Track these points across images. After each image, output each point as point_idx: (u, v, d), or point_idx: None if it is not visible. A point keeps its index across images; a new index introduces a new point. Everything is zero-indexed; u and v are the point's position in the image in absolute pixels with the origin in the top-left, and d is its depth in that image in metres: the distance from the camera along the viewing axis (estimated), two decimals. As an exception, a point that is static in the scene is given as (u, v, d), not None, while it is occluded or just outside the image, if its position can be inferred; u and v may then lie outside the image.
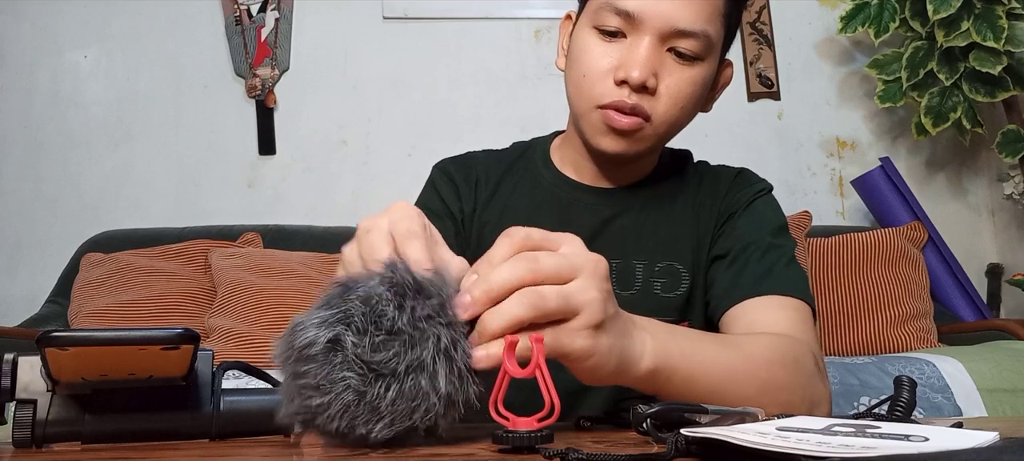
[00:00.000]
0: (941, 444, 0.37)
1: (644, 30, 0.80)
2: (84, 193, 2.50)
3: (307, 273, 2.10)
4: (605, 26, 0.82)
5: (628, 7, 0.79)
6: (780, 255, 0.84)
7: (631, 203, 0.91)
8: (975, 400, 1.59)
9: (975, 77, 2.33)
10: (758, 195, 0.91)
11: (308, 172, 2.59)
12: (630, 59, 0.80)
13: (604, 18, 0.81)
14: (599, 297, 0.50)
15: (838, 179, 2.73)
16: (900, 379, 0.56)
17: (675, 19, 0.79)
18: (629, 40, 0.81)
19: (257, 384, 0.61)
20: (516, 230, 0.51)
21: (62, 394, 0.51)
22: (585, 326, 0.49)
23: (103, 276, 2.12)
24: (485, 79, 2.67)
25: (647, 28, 0.79)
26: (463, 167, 0.97)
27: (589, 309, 0.49)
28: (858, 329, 2.16)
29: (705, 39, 0.80)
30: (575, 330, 0.49)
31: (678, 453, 0.43)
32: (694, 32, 0.79)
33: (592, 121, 0.84)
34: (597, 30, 0.83)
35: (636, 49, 0.80)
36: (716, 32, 0.82)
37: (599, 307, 0.50)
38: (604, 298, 0.51)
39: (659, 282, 0.88)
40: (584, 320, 0.49)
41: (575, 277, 0.49)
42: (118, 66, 2.58)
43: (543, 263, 0.49)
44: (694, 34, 0.80)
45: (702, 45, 0.80)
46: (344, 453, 0.47)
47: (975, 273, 2.57)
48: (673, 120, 0.83)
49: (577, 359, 0.50)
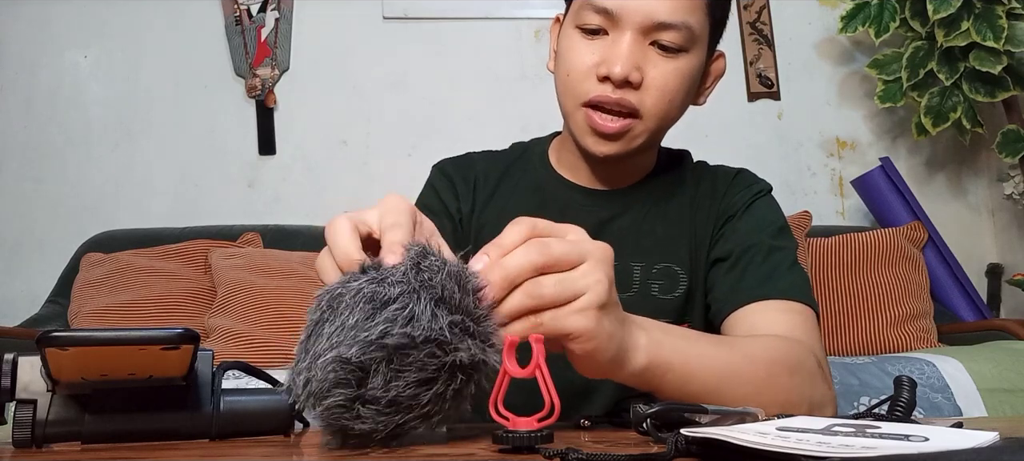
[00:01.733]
0: (941, 444, 0.37)
1: (624, 26, 0.80)
2: (84, 193, 2.50)
3: (307, 273, 2.10)
4: (587, 24, 0.82)
5: (607, 4, 0.80)
6: (782, 258, 0.84)
7: (629, 204, 0.91)
8: (975, 400, 1.59)
9: (975, 77, 2.33)
10: (758, 196, 0.91)
11: (308, 172, 2.59)
12: (611, 55, 0.80)
13: (585, 17, 0.82)
14: (605, 280, 0.51)
15: (838, 179, 2.73)
16: (900, 379, 0.56)
17: (654, 12, 0.79)
18: (611, 37, 0.81)
19: (257, 384, 0.61)
20: (524, 218, 0.51)
21: (62, 394, 0.51)
22: (589, 306, 0.50)
23: (103, 276, 2.12)
24: (485, 79, 2.67)
25: (627, 23, 0.80)
26: (462, 167, 0.97)
27: (594, 290, 0.50)
28: (858, 329, 2.16)
29: (687, 30, 0.80)
30: (578, 309, 0.50)
31: (678, 453, 0.43)
32: (674, 24, 0.79)
33: (578, 121, 0.84)
34: (580, 29, 0.83)
35: (617, 45, 0.80)
36: (698, 23, 0.81)
37: (604, 289, 0.51)
38: (609, 283, 0.52)
39: (657, 284, 0.88)
40: (588, 300, 0.50)
41: (584, 261, 0.51)
42: (118, 66, 2.58)
43: (554, 248, 0.50)
44: (675, 26, 0.79)
45: (685, 36, 0.80)
46: (344, 453, 0.47)
47: (975, 273, 2.57)
48: (663, 113, 0.83)
49: (579, 339, 0.51)
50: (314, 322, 0.48)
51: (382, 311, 0.45)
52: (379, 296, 0.46)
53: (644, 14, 0.79)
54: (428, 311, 0.45)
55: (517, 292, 0.49)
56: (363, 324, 0.45)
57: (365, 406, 0.46)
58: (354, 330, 0.45)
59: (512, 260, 0.49)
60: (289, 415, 0.56)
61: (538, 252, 0.49)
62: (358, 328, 0.45)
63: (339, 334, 0.46)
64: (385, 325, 0.45)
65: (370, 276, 0.47)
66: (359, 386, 0.45)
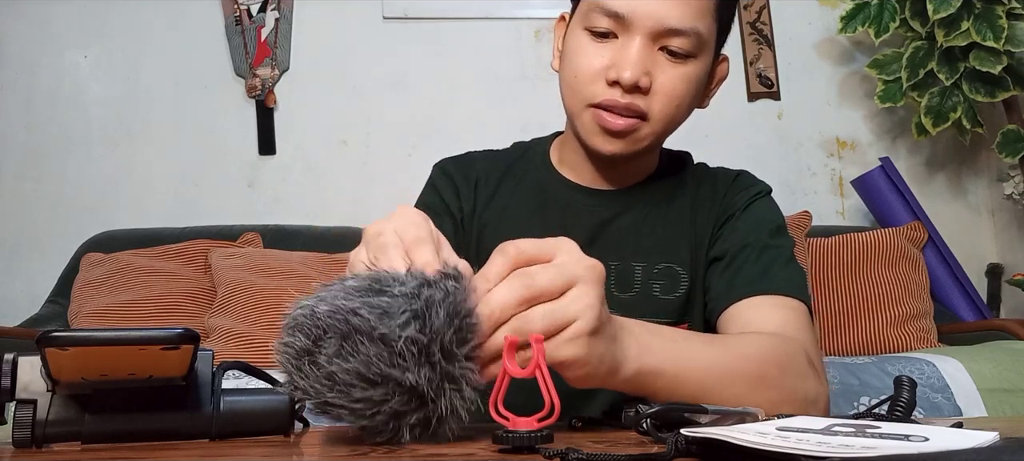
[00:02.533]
0: (941, 444, 0.37)
1: (635, 30, 0.80)
2: (84, 193, 2.50)
3: (307, 273, 2.10)
4: (596, 27, 0.82)
5: (617, 8, 0.80)
6: (777, 255, 0.84)
7: (630, 205, 0.91)
8: (975, 400, 1.59)
9: (975, 77, 2.33)
10: (756, 197, 0.91)
11: (308, 172, 2.59)
12: (622, 59, 0.80)
13: (595, 19, 0.82)
14: (595, 305, 0.50)
15: (838, 179, 2.73)
16: (900, 379, 0.56)
17: (665, 18, 0.79)
18: (620, 40, 0.81)
19: (257, 384, 0.61)
20: (508, 245, 0.51)
21: (62, 394, 0.51)
22: (579, 334, 0.50)
23: (103, 276, 2.12)
24: (485, 79, 2.67)
25: (637, 28, 0.79)
26: (463, 167, 0.97)
27: (584, 317, 0.50)
28: (858, 329, 2.16)
29: (696, 36, 0.80)
30: (568, 339, 0.50)
31: (678, 453, 0.43)
32: (685, 30, 0.79)
33: (585, 121, 0.84)
34: (588, 31, 0.83)
35: (627, 49, 0.80)
36: (707, 28, 0.81)
37: (594, 314, 0.50)
38: (600, 305, 0.51)
39: (658, 284, 0.88)
40: (577, 328, 0.50)
41: (572, 287, 0.50)
42: (118, 66, 2.58)
43: (538, 279, 0.49)
44: (685, 32, 0.79)
45: (694, 43, 0.80)
46: (344, 453, 0.47)
47: (975, 273, 2.57)
48: (670, 117, 0.83)
49: (571, 368, 0.51)
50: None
51: (371, 296, 0.46)
52: (382, 282, 0.47)
53: (655, 20, 0.79)
54: (402, 319, 0.45)
55: (504, 330, 0.48)
56: (350, 295, 0.46)
57: (308, 365, 0.46)
58: (339, 294, 0.46)
59: (496, 297, 0.48)
60: (289, 415, 0.56)
61: (523, 284, 0.49)
62: (344, 295, 0.46)
63: (326, 291, 0.47)
64: (362, 305, 0.45)
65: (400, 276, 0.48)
66: (314, 344, 0.46)
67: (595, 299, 0.50)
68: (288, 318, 0.48)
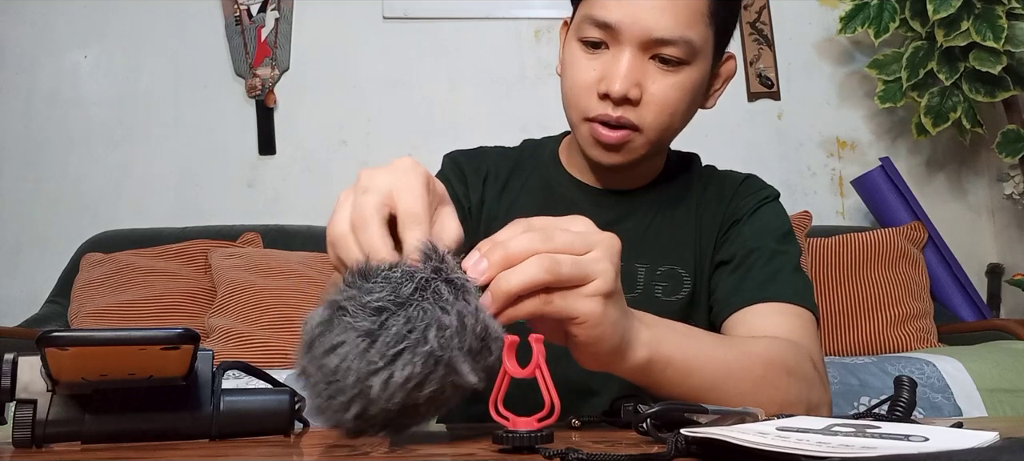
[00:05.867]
0: (941, 444, 0.37)
1: (624, 41, 0.79)
2: (84, 193, 2.50)
3: (307, 273, 2.10)
4: (588, 37, 0.82)
5: (606, 19, 0.79)
6: (785, 262, 0.84)
7: (636, 207, 0.91)
8: (975, 400, 1.59)
9: (975, 77, 2.32)
10: (764, 201, 0.91)
11: (308, 172, 2.59)
12: (611, 72, 0.80)
13: (586, 30, 0.82)
14: (611, 269, 0.51)
15: (838, 179, 2.73)
16: (900, 379, 0.56)
17: (653, 28, 0.78)
18: (611, 52, 0.81)
19: (257, 384, 0.61)
20: (521, 219, 0.51)
21: (62, 394, 0.51)
22: (597, 292, 0.50)
23: (103, 276, 2.12)
24: (485, 79, 2.67)
25: (626, 39, 0.79)
26: (474, 159, 0.97)
27: (603, 277, 0.50)
28: (858, 329, 2.16)
29: (686, 45, 0.79)
30: (587, 295, 0.50)
31: (678, 453, 0.43)
32: (673, 39, 0.79)
33: (582, 133, 0.85)
34: (581, 42, 0.83)
35: (617, 61, 0.79)
36: (699, 35, 0.80)
37: (612, 276, 0.51)
38: (616, 272, 0.51)
39: (661, 286, 0.88)
40: (597, 286, 0.50)
41: (590, 251, 0.50)
42: (118, 66, 2.58)
43: (557, 238, 0.50)
44: (674, 41, 0.79)
45: (685, 51, 0.80)
46: (344, 452, 0.47)
47: (975, 273, 2.57)
48: (664, 126, 0.83)
49: (585, 323, 0.50)
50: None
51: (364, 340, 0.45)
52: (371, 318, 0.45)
53: (643, 29, 0.78)
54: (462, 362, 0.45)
55: (532, 263, 0.48)
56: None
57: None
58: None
59: (514, 243, 0.48)
60: (289, 415, 0.56)
61: (541, 238, 0.49)
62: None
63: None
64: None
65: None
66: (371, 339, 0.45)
67: (611, 265, 0.51)
68: (359, 377, 0.45)
